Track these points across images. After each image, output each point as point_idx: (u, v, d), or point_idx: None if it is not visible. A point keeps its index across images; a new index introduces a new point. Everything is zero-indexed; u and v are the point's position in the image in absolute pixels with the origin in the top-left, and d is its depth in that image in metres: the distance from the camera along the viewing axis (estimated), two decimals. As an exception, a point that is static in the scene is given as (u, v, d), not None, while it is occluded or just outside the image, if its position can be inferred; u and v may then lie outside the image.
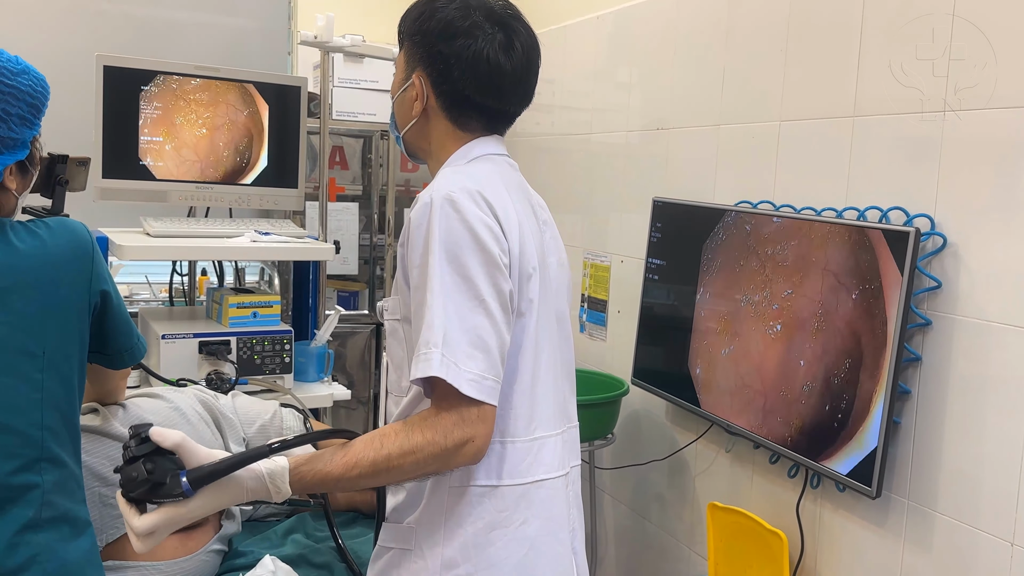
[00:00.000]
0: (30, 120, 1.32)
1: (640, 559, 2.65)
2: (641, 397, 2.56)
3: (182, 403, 1.72)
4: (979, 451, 1.65)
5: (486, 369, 1.19)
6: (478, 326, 1.20)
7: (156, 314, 2.50)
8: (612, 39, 2.77)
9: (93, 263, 1.36)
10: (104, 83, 2.28)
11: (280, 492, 1.20)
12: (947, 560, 1.71)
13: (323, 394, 2.41)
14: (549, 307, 1.37)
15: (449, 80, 1.34)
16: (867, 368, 1.75)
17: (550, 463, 1.34)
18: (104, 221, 2.52)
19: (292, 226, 2.59)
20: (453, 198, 1.24)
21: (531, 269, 1.31)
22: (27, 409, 1.25)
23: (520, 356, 1.30)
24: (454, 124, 1.38)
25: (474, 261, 1.22)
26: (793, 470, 2.04)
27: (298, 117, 2.54)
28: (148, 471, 1.14)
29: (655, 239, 2.47)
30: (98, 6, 3.35)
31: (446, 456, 1.19)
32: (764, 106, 2.15)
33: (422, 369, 1.18)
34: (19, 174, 1.36)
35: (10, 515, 1.23)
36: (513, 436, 1.30)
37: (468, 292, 1.21)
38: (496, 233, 1.25)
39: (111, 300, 1.40)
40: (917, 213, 1.74)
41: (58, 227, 1.35)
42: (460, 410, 1.19)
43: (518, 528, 1.29)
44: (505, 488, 1.29)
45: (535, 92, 1.43)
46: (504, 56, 1.34)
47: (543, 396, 1.34)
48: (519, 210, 1.33)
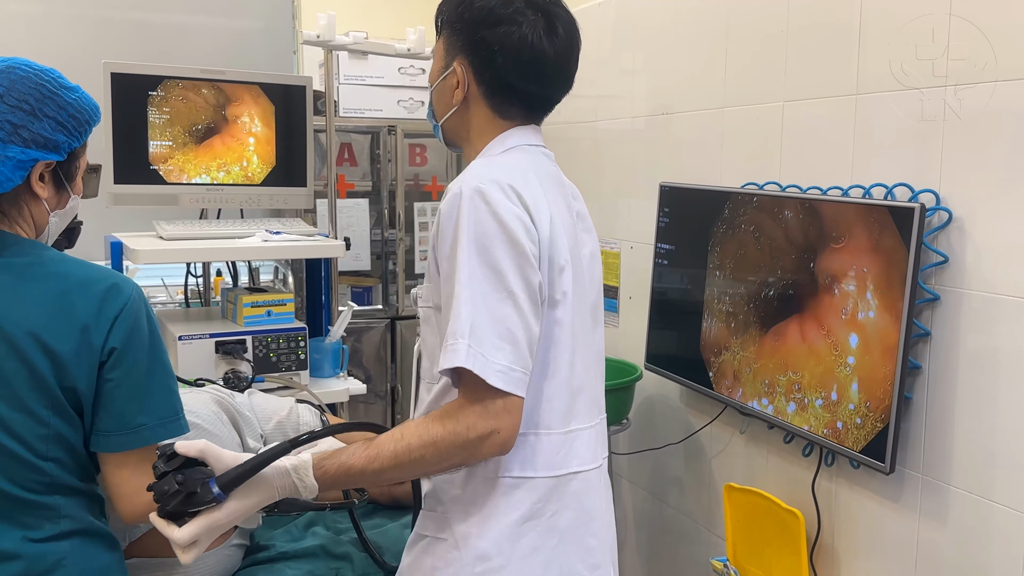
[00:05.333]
0: (68, 129, 1.34)
1: (659, 542, 2.67)
2: (655, 382, 2.58)
3: (196, 406, 1.74)
4: (991, 423, 1.65)
5: (514, 361, 1.19)
6: (506, 317, 1.20)
7: (172, 316, 2.54)
8: (615, 25, 2.77)
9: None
10: (112, 90, 2.31)
11: (307, 487, 1.21)
12: (963, 532, 1.71)
13: (339, 389, 2.44)
14: (583, 298, 1.37)
15: (492, 67, 1.34)
16: (877, 344, 1.76)
17: (584, 455, 1.35)
18: (118, 226, 2.55)
19: (303, 224, 2.61)
20: (482, 189, 1.23)
21: (563, 261, 1.30)
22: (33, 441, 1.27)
23: (556, 349, 1.30)
24: (494, 112, 1.38)
25: (503, 253, 1.21)
26: (807, 449, 2.05)
27: (304, 116, 2.56)
28: (179, 483, 1.17)
29: (663, 224, 2.47)
30: (103, 13, 3.38)
31: (470, 448, 1.19)
32: (767, 87, 2.15)
33: (449, 360, 1.18)
34: (53, 186, 1.37)
35: (32, 527, 1.27)
36: (548, 428, 1.30)
37: (496, 284, 1.21)
38: (526, 224, 1.24)
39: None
40: (922, 189, 1.74)
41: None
42: (485, 402, 1.19)
43: (549, 519, 1.30)
44: (539, 480, 1.30)
45: (575, 77, 1.42)
46: (547, 41, 1.33)
47: (579, 388, 1.34)
48: (552, 201, 1.32)
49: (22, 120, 1.29)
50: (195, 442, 1.20)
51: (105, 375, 1.30)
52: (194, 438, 1.60)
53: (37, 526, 1.27)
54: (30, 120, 1.30)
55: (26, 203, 1.35)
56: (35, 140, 1.31)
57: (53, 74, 1.35)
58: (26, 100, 1.30)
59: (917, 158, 1.76)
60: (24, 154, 1.30)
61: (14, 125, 1.29)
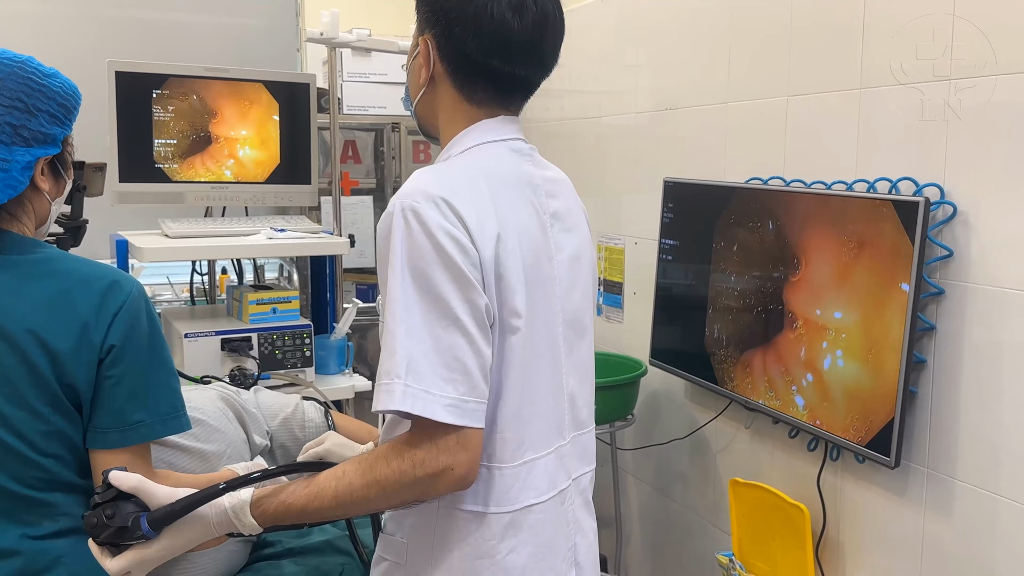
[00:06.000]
0: (60, 119, 1.34)
1: (665, 537, 2.68)
2: (659, 377, 2.58)
3: (202, 403, 1.74)
4: (996, 417, 1.65)
5: (467, 392, 1.11)
6: (454, 347, 1.11)
7: (178, 314, 2.54)
8: (618, 21, 2.77)
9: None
10: (117, 88, 2.32)
11: (245, 526, 1.19)
12: (968, 525, 1.71)
13: (344, 386, 2.45)
14: (551, 313, 1.28)
15: (451, 39, 1.25)
16: (882, 339, 1.76)
17: (540, 486, 1.26)
18: (123, 224, 2.56)
19: (307, 222, 2.62)
20: (415, 208, 1.13)
21: (515, 281, 1.20)
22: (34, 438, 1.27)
23: (507, 376, 1.20)
24: (461, 94, 1.29)
25: (442, 277, 1.12)
26: (813, 443, 2.05)
27: (308, 114, 2.57)
28: (108, 516, 1.15)
29: (667, 220, 2.47)
30: (106, 12, 3.39)
31: (423, 485, 1.13)
32: (771, 82, 2.15)
33: (383, 402, 1.11)
34: (52, 177, 1.38)
35: (31, 524, 1.27)
36: (500, 461, 1.22)
37: (439, 312, 1.11)
38: (464, 245, 1.14)
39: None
40: (927, 183, 1.74)
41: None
42: (436, 439, 1.11)
43: (505, 558, 1.23)
44: (492, 516, 1.23)
45: (557, 58, 1.32)
46: (511, 13, 1.23)
47: (534, 416, 1.25)
48: (510, 209, 1.23)
49: (20, 120, 1.29)
50: (130, 475, 1.18)
51: (104, 372, 1.30)
52: (199, 435, 1.62)
53: (36, 523, 1.27)
54: (27, 119, 1.29)
55: (28, 199, 1.35)
56: (35, 138, 1.30)
57: (33, 63, 1.33)
58: (18, 98, 1.29)
59: (922, 152, 1.76)
60: (29, 154, 1.30)
61: (13, 127, 1.28)
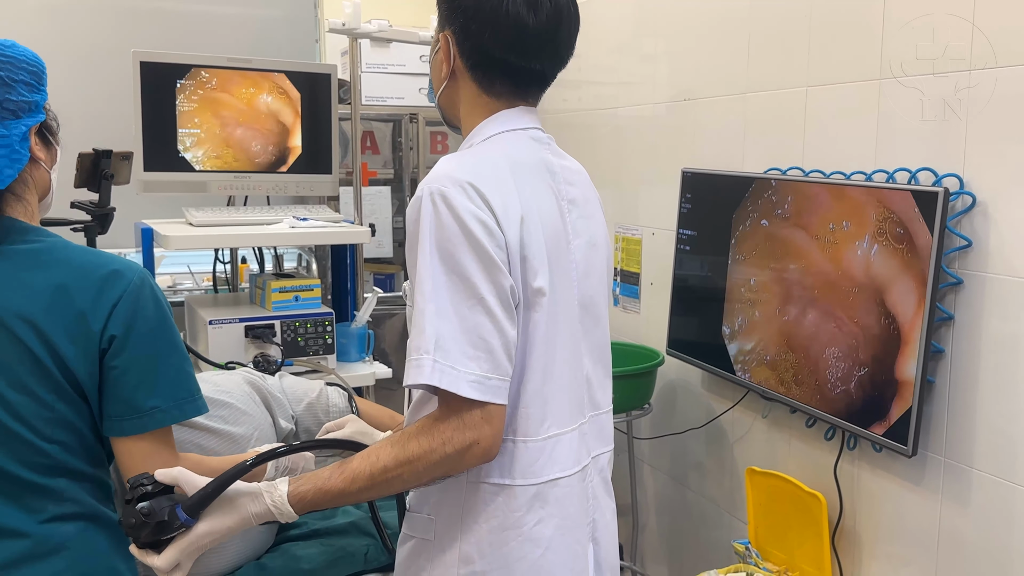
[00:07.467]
0: (35, 85, 1.33)
1: (681, 526, 2.70)
2: (676, 367, 2.60)
3: (230, 387, 1.78)
4: (1014, 406, 1.66)
5: (490, 369, 1.17)
6: (479, 326, 1.17)
7: (202, 301, 2.58)
8: (636, 11, 2.78)
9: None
10: (141, 79, 2.35)
11: (283, 513, 1.21)
12: (985, 514, 1.73)
13: (365, 373, 2.48)
14: (569, 295, 1.33)
15: (470, 35, 1.31)
16: (900, 328, 1.77)
17: (564, 461, 1.32)
18: (148, 213, 2.60)
19: (328, 211, 2.65)
20: (443, 191, 1.20)
21: (538, 263, 1.26)
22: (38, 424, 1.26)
23: (530, 354, 1.27)
24: (480, 87, 1.35)
25: (468, 258, 1.18)
26: (830, 432, 2.07)
27: (329, 104, 2.59)
28: (144, 514, 1.16)
29: (685, 210, 2.49)
30: (129, 3, 3.42)
31: (451, 461, 1.18)
32: (790, 72, 2.15)
33: (413, 376, 1.16)
34: (44, 145, 1.37)
35: (36, 509, 1.26)
36: (525, 435, 1.28)
37: (465, 291, 1.18)
38: (490, 227, 1.20)
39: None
40: (946, 173, 1.75)
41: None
42: (462, 414, 1.17)
43: (532, 529, 1.28)
44: (518, 488, 1.28)
45: (572, 51, 1.37)
46: (526, 9, 1.28)
47: (557, 392, 1.31)
48: (532, 194, 1.28)
49: (1, 95, 1.28)
50: (171, 470, 1.21)
51: (108, 363, 1.28)
52: (228, 417, 1.65)
53: (39, 508, 1.26)
54: (6, 91, 1.28)
55: (29, 173, 1.34)
56: (20, 108, 1.30)
57: None
58: None
59: (941, 142, 1.77)
60: (22, 125, 1.29)
61: None
